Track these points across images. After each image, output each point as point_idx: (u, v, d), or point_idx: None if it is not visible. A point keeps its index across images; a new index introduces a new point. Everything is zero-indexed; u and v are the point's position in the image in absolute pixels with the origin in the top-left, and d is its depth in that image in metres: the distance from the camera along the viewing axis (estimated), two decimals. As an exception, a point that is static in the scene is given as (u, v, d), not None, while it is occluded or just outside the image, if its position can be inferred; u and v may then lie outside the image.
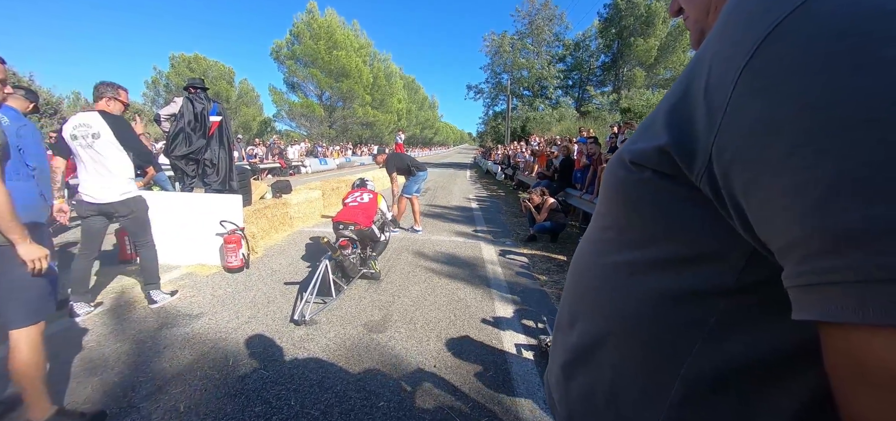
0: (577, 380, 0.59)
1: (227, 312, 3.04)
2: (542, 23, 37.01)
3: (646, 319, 0.48)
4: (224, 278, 3.81)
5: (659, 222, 0.46)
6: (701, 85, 0.37)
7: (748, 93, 0.32)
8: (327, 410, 1.95)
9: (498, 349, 2.58)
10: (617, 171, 0.51)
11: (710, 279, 0.42)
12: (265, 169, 15.58)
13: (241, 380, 2.17)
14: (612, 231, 0.55)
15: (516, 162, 14.30)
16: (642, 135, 0.48)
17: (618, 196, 0.52)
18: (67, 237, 5.21)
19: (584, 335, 0.58)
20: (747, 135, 0.32)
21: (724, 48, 0.35)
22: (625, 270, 0.51)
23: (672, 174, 0.42)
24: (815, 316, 0.29)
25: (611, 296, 0.53)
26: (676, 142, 0.40)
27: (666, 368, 0.46)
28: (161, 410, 1.93)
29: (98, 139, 2.88)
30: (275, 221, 5.59)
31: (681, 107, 0.41)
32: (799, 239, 0.29)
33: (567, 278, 0.68)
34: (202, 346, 2.54)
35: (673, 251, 0.45)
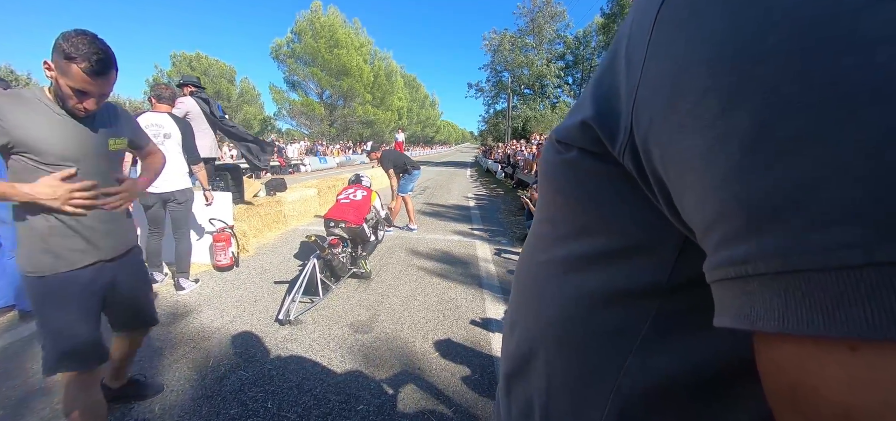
0: (516, 393, 0.53)
1: (211, 311, 3.00)
2: (543, 20, 36.85)
3: (575, 325, 0.42)
4: (212, 277, 3.78)
5: (587, 210, 0.40)
6: (623, 48, 0.32)
7: (658, 43, 0.27)
8: (304, 414, 1.90)
9: (485, 352, 2.53)
10: (547, 155, 0.45)
11: (640, 277, 0.36)
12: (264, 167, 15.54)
13: (219, 381, 2.13)
14: (546, 224, 0.48)
15: (516, 160, 14.23)
16: (571, 112, 0.41)
17: (547, 183, 0.46)
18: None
19: (520, 343, 0.52)
20: (657, 93, 0.27)
21: (640, 4, 0.30)
22: (557, 268, 0.45)
23: (596, 152, 0.36)
24: (729, 322, 0.23)
25: (542, 298, 0.47)
26: (598, 112, 0.34)
27: (597, 382, 0.40)
28: (136, 412, 1.89)
29: (169, 139, 3.19)
30: (268, 219, 5.55)
31: (606, 75, 0.35)
32: (714, 217, 0.23)
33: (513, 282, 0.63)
34: (183, 345, 2.50)
35: (602, 244, 0.38)
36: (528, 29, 37.71)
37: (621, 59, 0.32)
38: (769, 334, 0.21)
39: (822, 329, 0.18)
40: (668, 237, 0.33)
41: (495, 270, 4.23)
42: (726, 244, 0.23)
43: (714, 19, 0.23)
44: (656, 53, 0.27)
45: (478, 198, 10.27)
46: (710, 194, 0.23)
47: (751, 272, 0.21)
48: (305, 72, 30.30)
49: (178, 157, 3.27)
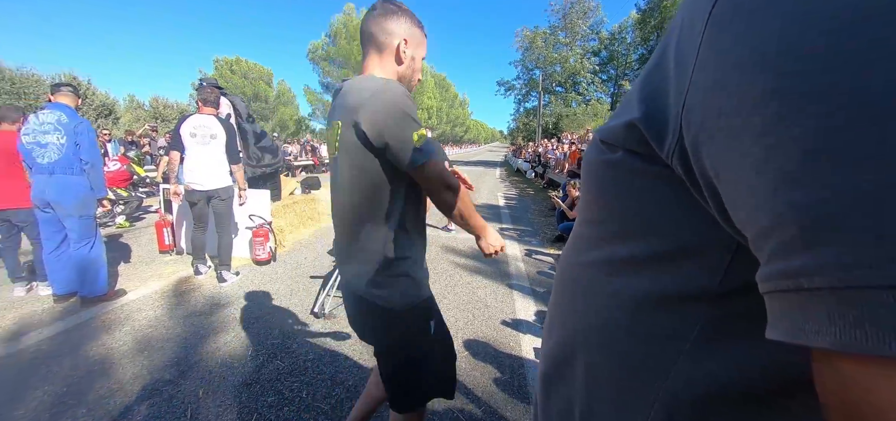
0: (556, 395, 0.53)
1: (251, 303, 3.14)
2: (576, 16, 35.95)
3: (620, 328, 0.41)
4: (252, 270, 3.95)
5: (633, 211, 0.39)
6: (672, 49, 0.31)
7: (711, 45, 0.26)
8: (337, 405, 1.95)
9: (514, 354, 2.50)
10: (591, 155, 0.45)
11: (690, 280, 0.34)
12: (299, 166, 16.11)
13: (258, 370, 2.23)
14: (588, 226, 0.47)
15: (547, 160, 13.98)
16: (617, 112, 0.41)
17: (591, 184, 0.45)
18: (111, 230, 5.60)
19: (560, 345, 0.51)
20: (709, 95, 0.26)
21: (693, 2, 0.29)
22: (600, 270, 0.44)
23: (643, 153, 0.35)
24: (783, 336, 0.22)
25: (584, 300, 0.46)
26: (646, 114, 0.34)
27: (642, 386, 0.39)
28: (181, 395, 2.01)
29: (214, 140, 3.38)
30: (303, 216, 5.74)
31: (654, 77, 0.34)
32: (769, 225, 0.22)
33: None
34: (225, 335, 2.63)
35: (649, 246, 0.37)
36: (561, 25, 36.90)
37: (670, 58, 0.32)
38: (828, 351, 0.20)
39: (886, 349, 0.17)
40: (720, 242, 0.32)
41: (526, 271, 4.17)
42: (781, 255, 0.22)
43: (772, 20, 0.21)
44: (708, 54, 0.26)
45: (508, 197, 10.17)
46: (765, 202, 0.22)
47: (807, 286, 0.20)
48: (339, 73, 31.06)
49: (221, 157, 3.45)
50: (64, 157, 2.85)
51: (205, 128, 3.35)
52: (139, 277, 3.73)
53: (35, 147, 2.80)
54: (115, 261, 4.10)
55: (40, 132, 2.81)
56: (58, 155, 2.84)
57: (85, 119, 3.03)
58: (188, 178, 3.41)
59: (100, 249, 3.12)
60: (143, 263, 4.19)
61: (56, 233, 3.00)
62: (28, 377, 2.14)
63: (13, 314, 2.90)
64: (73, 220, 2.93)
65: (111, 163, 6.67)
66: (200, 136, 3.34)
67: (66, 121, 2.86)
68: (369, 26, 1.02)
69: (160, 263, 4.16)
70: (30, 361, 2.29)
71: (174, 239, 4.49)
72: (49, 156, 2.82)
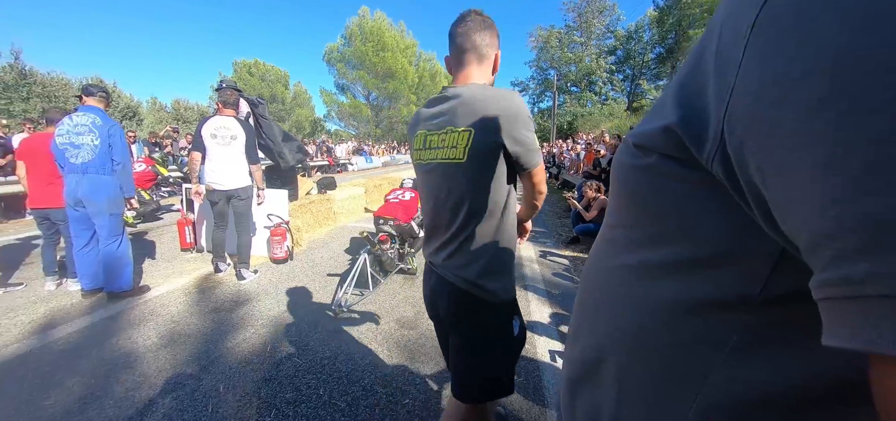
0: (582, 399, 0.52)
1: (269, 301, 3.20)
2: (591, 15, 35.50)
3: (653, 334, 0.40)
4: (269, 268, 4.02)
5: (668, 216, 0.38)
6: (712, 51, 0.31)
7: (759, 48, 0.25)
8: (353, 403, 1.97)
9: (529, 356, 2.48)
10: (622, 159, 0.44)
11: (729, 287, 0.34)
12: (315, 166, 16.34)
13: (276, 366, 2.26)
14: (619, 229, 0.47)
15: (562, 160, 13.84)
16: (651, 116, 0.40)
17: (622, 188, 0.45)
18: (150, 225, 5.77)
19: (588, 349, 0.51)
20: (758, 99, 0.25)
21: (735, 4, 0.29)
22: (631, 274, 0.44)
23: (680, 158, 0.35)
24: (844, 343, 0.22)
25: (614, 305, 0.46)
26: (684, 118, 0.33)
27: (676, 392, 0.39)
28: (203, 389, 2.06)
29: (235, 141, 3.46)
30: (319, 215, 5.81)
31: (691, 80, 0.34)
32: (826, 232, 0.22)
33: (579, 285, 0.61)
34: (245, 331, 2.68)
35: (685, 252, 0.37)
36: (576, 25, 36.49)
37: (708, 63, 0.31)
38: (891, 357, 0.20)
39: None
40: (761, 248, 0.31)
41: (541, 272, 4.14)
42: (841, 262, 0.21)
43: (829, 25, 0.21)
44: (756, 58, 0.25)
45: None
46: (823, 209, 0.21)
47: (871, 292, 0.19)
48: (354, 75, 31.47)
49: (241, 158, 3.53)
50: (97, 158, 2.97)
51: (225, 129, 3.43)
52: (162, 274, 3.83)
53: (68, 147, 2.92)
54: (139, 258, 4.23)
55: (75, 133, 2.93)
56: (91, 155, 2.95)
57: (116, 122, 3.17)
58: (209, 178, 3.49)
59: (126, 247, 3.22)
60: (165, 260, 4.31)
61: (85, 230, 3.12)
62: (58, 369, 2.22)
63: (44, 308, 3.02)
64: (104, 217, 3.04)
65: (137, 164, 6.90)
66: (221, 137, 3.41)
67: (101, 123, 2.98)
68: (472, 36, 1.09)
69: (182, 261, 4.27)
70: (60, 353, 2.38)
71: (195, 237, 4.61)
72: (83, 156, 2.94)
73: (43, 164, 3.27)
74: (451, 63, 1.15)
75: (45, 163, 3.26)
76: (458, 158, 1.03)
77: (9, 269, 3.90)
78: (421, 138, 1.14)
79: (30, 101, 16.12)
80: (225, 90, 3.62)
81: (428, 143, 1.11)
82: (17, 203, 6.69)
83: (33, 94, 16.34)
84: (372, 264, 3.41)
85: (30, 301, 3.15)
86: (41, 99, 16.28)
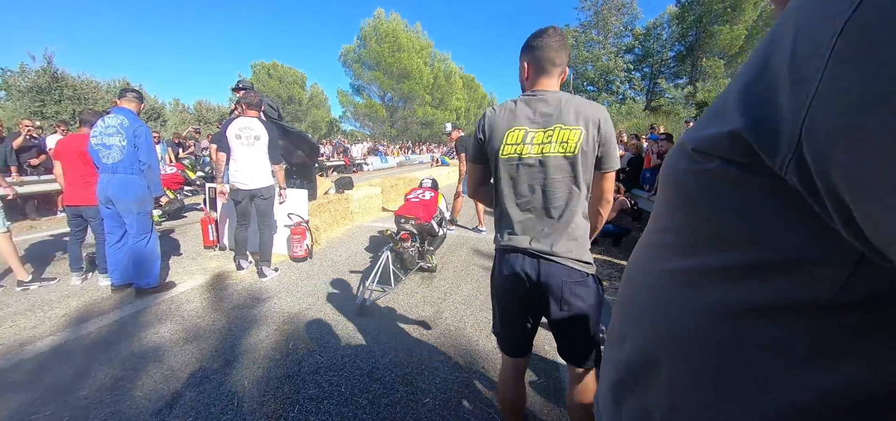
0: (628, 404, 0.52)
1: (290, 299, 3.25)
2: (608, 13, 34.93)
3: (711, 339, 0.40)
4: (289, 266, 4.09)
5: (731, 222, 0.38)
6: (784, 57, 0.30)
7: (851, 55, 0.24)
8: (375, 401, 1.99)
9: (549, 357, 2.46)
10: (678, 163, 0.44)
11: (799, 292, 0.33)
12: (331, 166, 16.55)
13: (299, 363, 2.30)
14: (670, 233, 0.47)
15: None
16: (711, 120, 0.40)
17: (678, 192, 0.45)
18: (173, 223, 5.95)
19: (635, 353, 0.50)
20: (850, 108, 0.24)
21: (814, 9, 0.28)
22: (686, 279, 0.43)
23: (747, 163, 0.34)
24: None
25: (667, 308, 0.45)
26: (753, 124, 0.33)
27: (739, 397, 0.38)
28: (229, 383, 2.11)
29: (258, 141, 3.54)
30: (337, 215, 5.88)
31: (758, 84, 0.33)
32: None
33: (620, 287, 0.61)
34: (267, 328, 2.73)
35: (749, 257, 0.36)
36: (592, 23, 35.95)
37: (779, 68, 0.30)
38: None
39: None
40: (838, 254, 0.30)
41: (558, 273, 4.09)
42: None
43: None
44: (845, 65, 0.25)
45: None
46: None
47: None
48: (369, 76, 31.75)
49: (264, 158, 3.60)
50: (125, 158, 3.07)
51: (249, 130, 3.50)
52: (186, 271, 3.94)
53: (101, 148, 3.04)
54: (165, 255, 4.36)
55: (106, 135, 3.04)
56: (120, 156, 3.06)
57: (144, 123, 3.25)
58: (234, 178, 3.57)
59: (154, 245, 3.33)
60: (189, 257, 4.43)
61: (118, 228, 3.24)
62: (91, 361, 2.31)
63: (76, 302, 3.14)
64: (132, 216, 3.15)
65: (168, 167, 7.15)
66: (245, 137, 3.49)
67: (128, 125, 3.08)
68: (557, 53, 1.26)
69: (205, 258, 4.38)
70: (92, 346, 2.48)
71: (218, 235, 4.72)
72: (112, 157, 3.05)
73: (76, 164, 3.40)
74: (530, 70, 1.31)
75: (78, 162, 3.39)
76: (569, 152, 1.21)
77: (42, 264, 4.07)
78: (520, 134, 1.25)
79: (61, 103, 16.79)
80: (249, 92, 3.70)
81: (532, 138, 1.24)
82: (50, 201, 6.98)
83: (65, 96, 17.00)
84: (394, 262, 3.48)
85: (63, 295, 3.28)
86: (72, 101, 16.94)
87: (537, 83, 1.29)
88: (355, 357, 2.37)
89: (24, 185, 6.30)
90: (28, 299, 3.18)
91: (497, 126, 1.29)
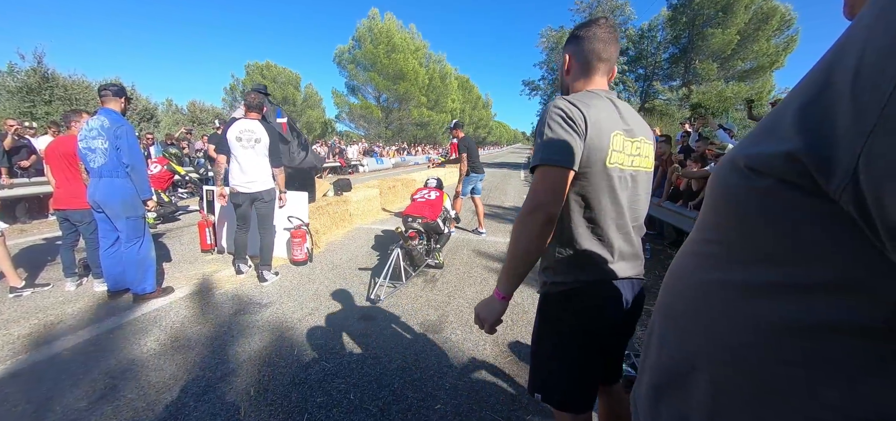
0: (668, 405, 0.54)
1: (292, 303, 3.19)
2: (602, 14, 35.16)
3: (758, 351, 0.41)
4: (290, 270, 4.03)
5: (783, 240, 0.38)
6: (847, 79, 0.30)
7: None
8: (385, 408, 1.94)
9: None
10: (728, 178, 0.44)
11: (851, 313, 0.34)
12: (327, 167, 16.43)
13: (305, 369, 2.25)
14: (717, 245, 0.48)
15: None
16: (764, 136, 0.40)
17: (728, 206, 0.45)
18: (169, 226, 5.84)
19: (677, 357, 0.52)
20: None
21: (882, 34, 0.28)
22: (733, 291, 0.44)
23: (803, 185, 0.34)
24: None
25: (712, 318, 0.47)
26: (811, 146, 0.33)
27: (783, 410, 0.39)
28: (234, 392, 2.05)
29: (259, 143, 3.47)
30: (336, 217, 5.82)
31: (818, 104, 0.33)
32: None
33: (660, 292, 0.62)
34: (270, 334, 2.67)
35: (800, 276, 0.37)
36: (587, 25, 36.09)
37: (844, 87, 0.30)
38: None
39: None
40: (887, 280, 0.31)
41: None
42: None
43: None
44: None
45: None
46: None
47: None
48: (364, 76, 31.60)
49: (265, 161, 3.54)
50: (109, 162, 2.95)
51: (250, 132, 3.43)
52: (184, 276, 3.86)
53: (87, 152, 2.93)
54: (161, 259, 4.28)
55: (90, 138, 2.93)
56: (104, 159, 2.94)
57: (127, 122, 3.04)
58: (234, 180, 3.50)
59: (148, 249, 3.22)
60: (186, 262, 4.34)
61: (111, 232, 3.14)
62: (89, 368, 2.23)
63: (71, 308, 3.06)
64: (122, 221, 3.04)
65: (152, 165, 6.98)
66: (246, 140, 3.42)
67: (108, 125, 2.92)
68: (613, 48, 1.11)
69: (203, 262, 4.30)
70: (89, 353, 2.40)
71: (216, 239, 4.64)
72: (97, 160, 2.93)
73: (62, 167, 3.31)
74: (579, 65, 1.14)
75: (64, 165, 3.30)
76: (649, 168, 1.13)
77: (35, 269, 3.97)
78: (620, 140, 1.03)
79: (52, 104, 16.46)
80: (249, 93, 3.62)
81: (630, 149, 1.06)
82: (41, 204, 6.83)
83: (55, 97, 16.68)
84: (403, 259, 3.59)
85: (57, 301, 3.19)
86: (63, 102, 16.60)
87: (591, 81, 1.11)
88: (362, 363, 2.32)
89: (14, 188, 6.15)
90: (21, 306, 3.09)
91: (602, 124, 1.01)
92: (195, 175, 9.67)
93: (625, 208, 1.07)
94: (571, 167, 0.97)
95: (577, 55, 1.13)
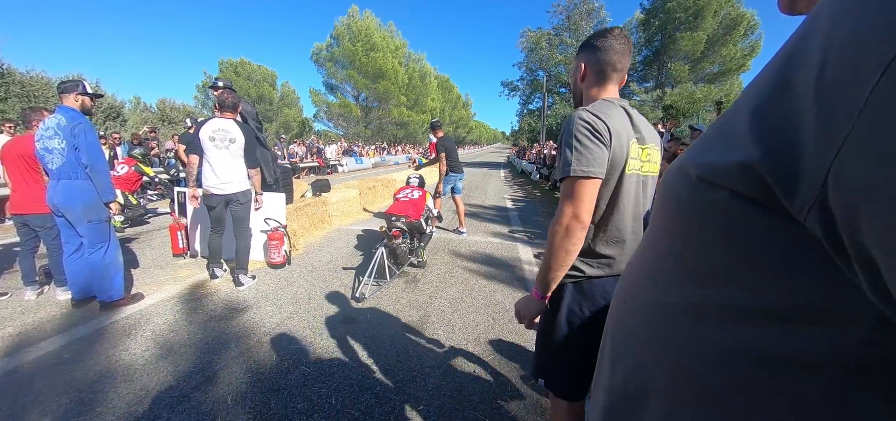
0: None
1: (270, 307, 3.12)
2: (579, 17, 35.83)
3: (715, 379, 0.37)
4: (267, 273, 3.94)
5: (738, 259, 0.34)
6: (809, 80, 0.26)
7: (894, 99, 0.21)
8: (368, 411, 1.93)
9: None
10: (679, 188, 0.40)
11: (813, 345, 0.30)
12: (305, 168, 16.13)
13: (284, 375, 2.20)
14: (670, 260, 0.44)
15: (553, 161, 13.93)
16: (716, 142, 0.36)
17: (678, 217, 0.41)
18: (138, 230, 5.60)
19: (629, 380, 0.49)
20: (889, 159, 0.21)
21: (852, 30, 0.24)
22: (688, 314, 0.40)
23: (761, 200, 0.30)
24: None
25: (667, 341, 0.43)
26: (769, 157, 0.29)
27: None
28: (210, 401, 1.99)
29: (234, 143, 3.36)
30: (314, 218, 5.72)
31: (775, 108, 0.29)
32: None
33: (612, 303, 0.58)
34: (247, 339, 2.61)
35: (759, 301, 0.33)
36: (565, 26, 36.79)
37: (807, 90, 0.26)
38: None
39: None
40: (862, 309, 0.27)
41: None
42: None
43: None
44: (888, 108, 0.22)
45: (515, 199, 10.13)
46: None
47: None
48: (343, 75, 31.19)
49: (240, 162, 3.44)
50: (66, 163, 2.77)
51: (224, 132, 3.33)
52: (155, 281, 3.71)
53: (44, 153, 2.76)
54: (130, 264, 4.10)
55: (46, 138, 2.76)
56: (62, 160, 2.77)
57: (84, 119, 2.86)
58: (207, 182, 3.39)
59: (114, 254, 3.07)
60: (157, 266, 4.18)
61: (74, 237, 2.98)
62: (52, 383, 2.12)
63: (33, 319, 2.90)
64: (83, 225, 2.89)
65: (119, 166, 6.68)
66: (219, 140, 3.32)
67: (65, 124, 2.74)
68: (626, 59, 1.17)
69: (174, 267, 4.15)
70: (53, 368, 2.28)
71: (188, 242, 4.49)
72: (55, 161, 2.77)
73: (21, 168, 3.13)
74: (594, 74, 1.20)
75: (22, 167, 3.12)
76: (656, 172, 1.21)
77: (-9, 277, 3.73)
78: (635, 148, 1.14)
79: (8, 101, 15.48)
80: (223, 91, 3.51)
81: (642, 155, 1.17)
82: (-4, 208, 6.43)
83: (12, 94, 15.69)
84: (387, 258, 3.62)
85: (17, 312, 3.02)
86: (20, 99, 15.62)
87: (605, 89, 1.19)
88: (343, 367, 2.30)
89: (-35, 191, 5.77)
90: (-25, 317, 2.90)
91: (621, 134, 1.09)
92: (165, 176, 9.31)
93: (636, 210, 1.18)
94: (601, 177, 1.06)
95: (593, 64, 1.19)
